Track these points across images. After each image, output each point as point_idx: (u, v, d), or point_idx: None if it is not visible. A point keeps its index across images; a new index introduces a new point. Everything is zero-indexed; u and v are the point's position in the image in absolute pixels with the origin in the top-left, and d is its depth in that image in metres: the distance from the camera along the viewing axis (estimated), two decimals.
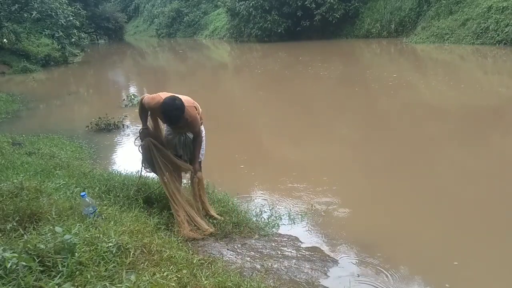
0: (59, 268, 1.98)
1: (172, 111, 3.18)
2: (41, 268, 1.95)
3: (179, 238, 3.13)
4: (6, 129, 7.72)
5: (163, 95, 3.31)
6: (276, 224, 3.80)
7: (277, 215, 3.98)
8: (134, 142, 3.78)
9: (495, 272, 3.09)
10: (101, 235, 2.33)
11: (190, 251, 2.96)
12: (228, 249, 3.25)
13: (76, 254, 2.08)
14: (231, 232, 3.51)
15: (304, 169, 5.49)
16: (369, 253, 3.31)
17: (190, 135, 3.57)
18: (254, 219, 3.88)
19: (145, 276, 2.13)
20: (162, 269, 2.29)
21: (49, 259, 2.00)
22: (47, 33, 19.86)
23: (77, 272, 2.00)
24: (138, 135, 3.65)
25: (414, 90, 10.17)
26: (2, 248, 1.99)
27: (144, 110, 3.49)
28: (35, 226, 2.44)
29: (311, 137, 7.05)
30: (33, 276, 1.88)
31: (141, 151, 3.59)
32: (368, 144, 6.33)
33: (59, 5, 19.45)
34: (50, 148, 6.09)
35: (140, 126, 3.71)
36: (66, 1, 20.85)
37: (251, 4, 26.65)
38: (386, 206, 4.22)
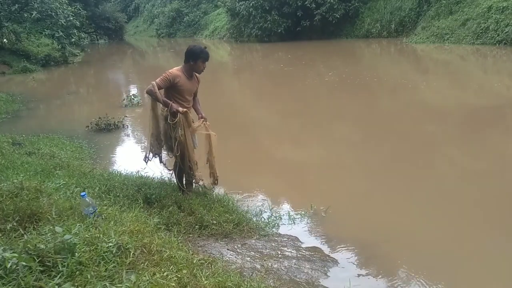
0: (59, 268, 1.98)
1: (202, 48, 3.85)
2: (41, 268, 1.95)
3: (179, 238, 3.13)
4: (6, 129, 7.72)
5: (173, 69, 3.84)
6: (276, 224, 3.80)
7: (277, 215, 3.98)
8: (168, 119, 3.80)
9: (495, 271, 3.09)
10: (101, 235, 2.33)
11: (190, 251, 2.95)
12: (228, 249, 3.25)
13: (76, 254, 2.08)
14: (231, 232, 3.51)
15: (304, 169, 5.49)
16: (369, 253, 3.31)
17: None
18: (254, 219, 3.88)
19: (145, 276, 2.13)
20: (162, 269, 2.28)
21: (49, 259, 2.00)
22: (47, 33, 19.82)
23: (77, 272, 2.00)
24: (168, 111, 3.77)
25: (414, 90, 10.16)
26: (2, 248, 1.98)
27: (159, 93, 3.73)
28: (35, 226, 2.43)
29: (311, 137, 7.06)
30: (33, 276, 1.87)
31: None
32: (368, 144, 6.33)
33: (59, 5, 19.44)
34: (50, 148, 6.09)
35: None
36: (66, 1, 20.82)
37: (251, 4, 26.66)
38: (386, 206, 4.22)
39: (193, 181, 4.14)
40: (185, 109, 3.81)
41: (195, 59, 3.79)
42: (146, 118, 4.18)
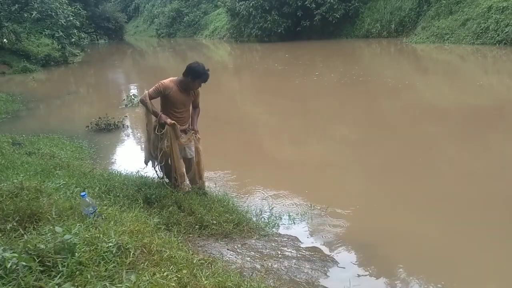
0: (59, 268, 1.98)
1: (205, 69, 3.78)
2: (41, 268, 1.94)
3: (179, 238, 3.13)
4: (6, 129, 7.72)
5: (166, 79, 3.86)
6: (276, 224, 3.80)
7: (277, 215, 3.98)
8: (156, 130, 3.94)
9: (494, 271, 3.09)
10: (101, 235, 2.33)
11: (190, 251, 2.95)
12: (228, 249, 3.25)
13: (76, 254, 2.08)
14: (231, 232, 3.51)
15: (304, 168, 5.49)
16: (369, 253, 3.31)
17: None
18: (254, 219, 3.88)
19: (145, 276, 2.12)
20: (162, 269, 2.28)
21: (49, 259, 1.99)
22: (47, 33, 19.82)
23: (77, 272, 2.00)
24: (157, 122, 3.91)
25: (414, 90, 10.16)
26: (2, 248, 1.98)
27: (149, 103, 3.82)
28: (35, 226, 2.43)
29: (311, 137, 7.05)
30: (33, 276, 1.87)
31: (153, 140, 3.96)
32: (368, 144, 6.32)
33: (59, 5, 19.44)
34: (50, 148, 6.09)
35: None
36: (66, 1, 20.82)
37: (251, 4, 26.66)
38: (386, 206, 4.22)
39: (177, 189, 4.13)
40: (173, 121, 3.82)
41: (195, 78, 3.80)
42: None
